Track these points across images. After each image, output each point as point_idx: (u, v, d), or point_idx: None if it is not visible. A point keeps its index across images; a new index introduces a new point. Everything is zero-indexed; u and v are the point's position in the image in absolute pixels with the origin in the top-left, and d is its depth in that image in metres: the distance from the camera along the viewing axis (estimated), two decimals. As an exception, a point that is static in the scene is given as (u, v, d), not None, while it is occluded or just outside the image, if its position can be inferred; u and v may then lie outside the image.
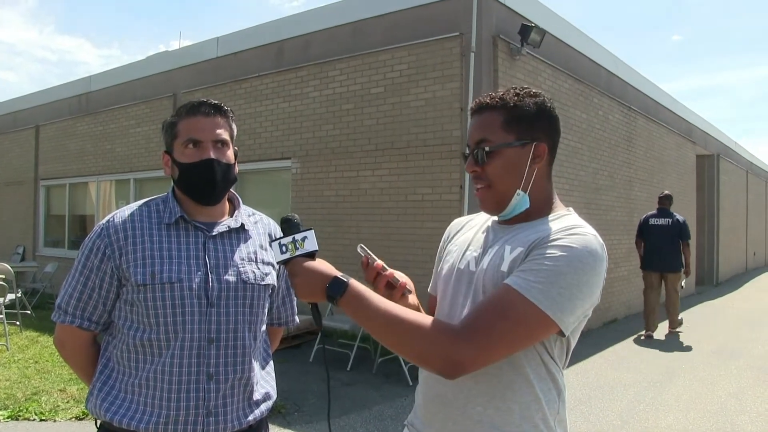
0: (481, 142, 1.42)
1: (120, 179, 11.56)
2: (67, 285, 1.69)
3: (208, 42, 9.89)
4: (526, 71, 7.44)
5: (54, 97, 13.27)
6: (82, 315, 1.66)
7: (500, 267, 1.36)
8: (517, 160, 1.41)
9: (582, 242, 1.29)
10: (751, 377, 6.38)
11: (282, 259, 1.38)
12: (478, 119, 1.45)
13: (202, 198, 1.73)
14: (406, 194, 7.16)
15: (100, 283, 1.65)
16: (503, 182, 1.41)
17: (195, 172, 1.70)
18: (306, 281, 1.33)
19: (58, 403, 4.94)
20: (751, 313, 11.14)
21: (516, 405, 1.35)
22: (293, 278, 1.35)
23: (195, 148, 1.69)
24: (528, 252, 1.32)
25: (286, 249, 1.37)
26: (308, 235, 1.38)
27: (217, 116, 1.74)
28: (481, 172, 1.43)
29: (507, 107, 1.41)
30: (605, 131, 9.57)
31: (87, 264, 1.66)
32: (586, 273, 1.27)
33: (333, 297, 1.31)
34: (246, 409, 1.73)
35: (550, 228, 1.36)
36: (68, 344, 1.74)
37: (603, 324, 9.10)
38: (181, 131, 1.71)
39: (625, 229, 10.23)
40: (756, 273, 20.41)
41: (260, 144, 8.77)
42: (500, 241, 1.43)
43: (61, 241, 13.08)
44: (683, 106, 14.10)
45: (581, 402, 5.38)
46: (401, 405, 5.16)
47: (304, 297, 1.36)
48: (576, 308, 1.28)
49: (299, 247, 1.37)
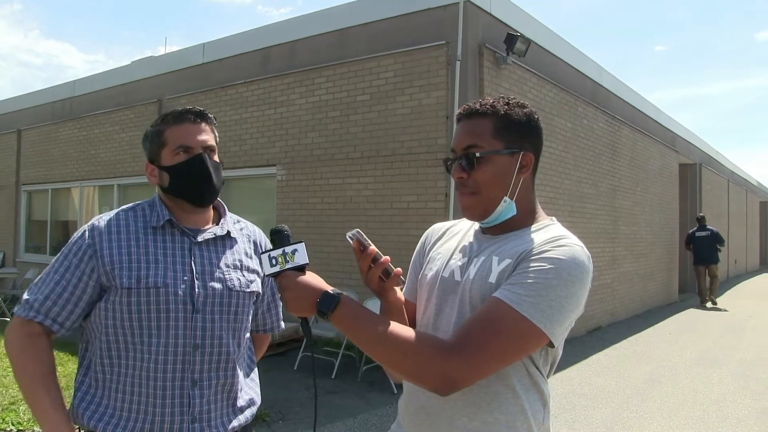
0: (469, 148, 1.41)
1: (104, 185, 11.45)
2: (40, 282, 1.65)
3: (193, 48, 9.85)
4: (512, 80, 7.48)
5: (37, 101, 13.14)
6: (47, 313, 1.61)
7: (488, 278, 1.35)
8: (505, 168, 1.40)
9: (570, 254, 1.29)
10: (732, 384, 6.44)
11: (271, 273, 1.34)
12: (466, 124, 1.44)
13: (198, 196, 1.72)
14: (391, 202, 7.16)
15: (76, 282, 1.62)
16: (490, 189, 1.40)
17: (189, 170, 1.69)
18: (296, 296, 1.31)
19: (37, 412, 4.86)
20: (732, 321, 11.25)
21: (502, 416, 1.35)
22: (283, 292, 1.32)
23: (186, 155, 1.69)
24: (516, 264, 1.32)
25: (276, 262, 1.34)
26: (298, 248, 1.35)
27: (202, 123, 1.74)
28: (468, 178, 1.41)
29: (498, 115, 1.41)
30: (590, 140, 9.65)
31: (64, 263, 1.63)
32: (575, 285, 1.28)
33: (324, 313, 1.29)
34: (230, 415, 1.72)
35: (537, 239, 1.36)
36: (21, 340, 1.62)
37: (587, 332, 9.14)
38: (170, 139, 1.70)
39: (609, 237, 10.30)
40: (737, 281, 20.64)
41: (245, 151, 8.74)
42: (486, 251, 1.42)
43: (43, 246, 12.92)
44: (667, 115, 14.25)
45: (566, 410, 5.40)
46: (386, 413, 5.14)
47: (294, 312, 1.33)
48: (565, 320, 1.29)
49: (289, 260, 1.34)
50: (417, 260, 1.67)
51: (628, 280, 11.24)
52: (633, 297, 11.47)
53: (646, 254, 12.27)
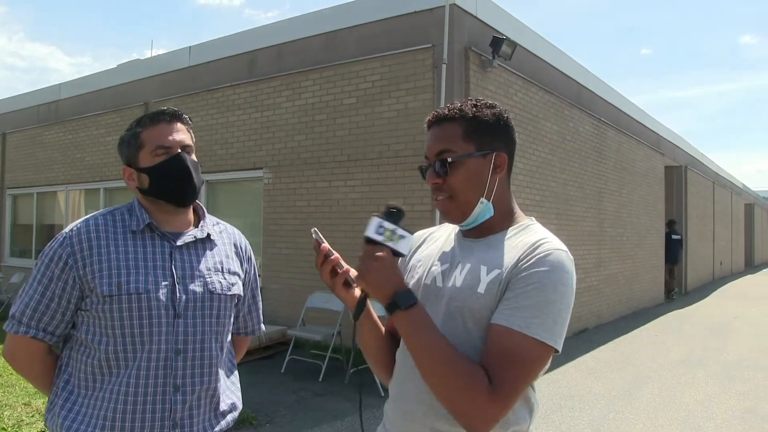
0: (441, 153, 1.42)
1: (90, 188, 11.38)
2: (24, 294, 1.63)
3: (180, 51, 9.82)
4: (498, 83, 7.52)
5: (22, 104, 13.04)
6: (37, 326, 1.61)
7: (477, 288, 1.35)
8: (479, 170, 1.41)
9: (557, 262, 1.31)
10: (716, 385, 6.49)
11: (372, 238, 1.31)
12: (436, 131, 1.45)
13: (179, 196, 1.72)
14: (378, 205, 7.16)
15: (60, 293, 1.60)
16: (466, 193, 1.41)
17: (168, 170, 1.68)
18: (383, 275, 1.29)
19: (22, 418, 4.82)
20: (717, 322, 11.35)
21: None
22: (372, 261, 1.30)
23: (165, 155, 1.68)
24: (509, 279, 1.32)
25: (383, 232, 1.31)
26: (407, 237, 1.33)
27: (178, 122, 1.74)
28: (442, 183, 1.42)
29: (466, 118, 1.42)
30: (576, 143, 9.71)
31: (47, 273, 1.61)
32: (567, 293, 1.31)
33: (397, 305, 1.29)
34: (212, 420, 1.71)
35: (520, 244, 1.37)
36: (20, 355, 1.68)
37: (573, 334, 9.18)
38: (147, 140, 1.69)
39: (595, 239, 10.36)
40: (722, 282, 20.82)
41: (232, 154, 8.72)
42: (471, 258, 1.42)
43: (28, 251, 12.82)
44: (652, 118, 14.37)
45: (553, 411, 5.42)
46: (374, 416, 5.14)
47: (369, 286, 1.31)
48: (565, 328, 1.32)
49: (395, 240, 1.31)
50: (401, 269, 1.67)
51: (614, 282, 11.31)
52: (619, 298, 11.54)
53: (631, 256, 12.36)
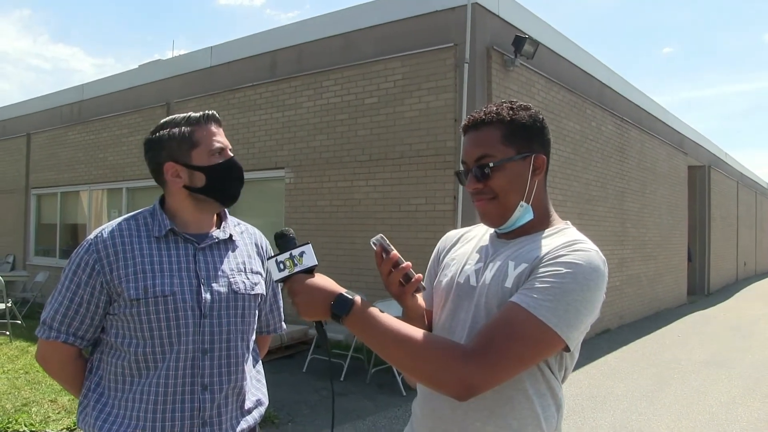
0: (481, 159, 1.40)
1: (112, 188, 11.51)
2: (54, 300, 1.66)
3: (201, 51, 9.89)
4: (520, 82, 7.48)
5: (46, 105, 13.22)
6: (68, 331, 1.64)
7: (504, 283, 1.35)
8: (520, 173, 1.40)
9: (586, 259, 1.29)
10: (741, 387, 6.40)
11: (281, 277, 1.30)
12: (474, 135, 1.44)
13: (230, 197, 1.78)
14: (399, 205, 7.16)
15: (88, 298, 1.63)
16: (507, 196, 1.40)
17: (226, 172, 1.74)
18: (308, 300, 1.28)
19: (48, 414, 4.89)
20: (741, 323, 11.19)
21: (515, 421, 1.34)
22: (294, 297, 1.28)
23: (221, 157, 1.73)
24: (533, 268, 1.31)
25: (284, 266, 1.30)
26: (306, 249, 1.31)
27: (220, 127, 1.79)
28: (483, 188, 1.41)
29: (504, 121, 1.41)
30: (598, 142, 9.63)
31: (74, 279, 1.64)
32: (591, 289, 1.27)
33: (338, 316, 1.26)
34: (239, 417, 1.74)
35: (552, 243, 1.35)
36: (53, 360, 1.71)
37: (595, 334, 9.12)
38: (202, 140, 1.71)
39: (618, 239, 10.28)
40: (746, 283, 20.54)
41: (254, 154, 8.77)
42: (502, 255, 1.42)
43: (52, 250, 13.00)
44: (675, 117, 14.20)
45: (574, 412, 5.39)
46: (395, 415, 5.14)
47: (307, 316, 1.29)
48: (581, 324, 1.28)
49: (297, 263, 1.30)
50: (432, 269, 1.67)
51: (637, 283, 11.21)
52: (641, 299, 11.43)
53: (654, 256, 12.23)
